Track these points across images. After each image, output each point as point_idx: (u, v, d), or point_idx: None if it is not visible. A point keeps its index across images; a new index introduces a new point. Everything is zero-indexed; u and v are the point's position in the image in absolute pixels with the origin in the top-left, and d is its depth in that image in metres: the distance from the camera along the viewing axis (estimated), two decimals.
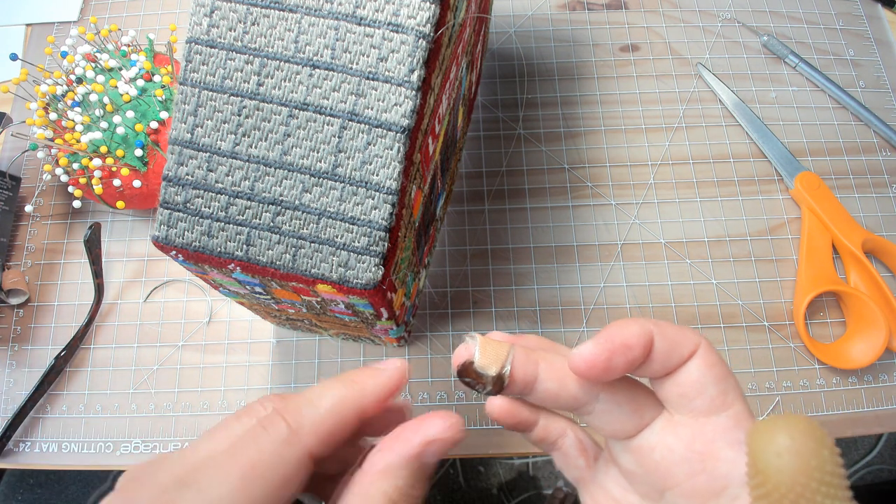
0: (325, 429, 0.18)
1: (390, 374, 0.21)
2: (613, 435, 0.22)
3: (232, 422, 0.18)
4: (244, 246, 0.24)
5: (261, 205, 0.24)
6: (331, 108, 0.23)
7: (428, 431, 0.19)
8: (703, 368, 0.21)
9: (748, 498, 0.18)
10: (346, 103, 0.23)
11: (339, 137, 0.24)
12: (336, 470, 0.22)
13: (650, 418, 0.22)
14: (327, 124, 0.24)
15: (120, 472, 0.53)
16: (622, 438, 0.22)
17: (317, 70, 0.23)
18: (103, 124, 0.39)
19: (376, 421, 0.22)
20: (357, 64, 0.23)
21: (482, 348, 0.22)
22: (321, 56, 0.23)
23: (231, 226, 0.24)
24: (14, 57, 0.41)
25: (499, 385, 0.22)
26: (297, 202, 0.24)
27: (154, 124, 0.39)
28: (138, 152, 0.39)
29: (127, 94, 0.39)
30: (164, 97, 0.40)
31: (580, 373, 0.20)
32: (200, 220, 0.24)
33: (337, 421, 0.19)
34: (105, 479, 0.49)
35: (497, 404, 0.24)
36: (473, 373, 0.22)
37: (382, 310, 0.28)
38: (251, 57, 0.24)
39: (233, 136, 0.24)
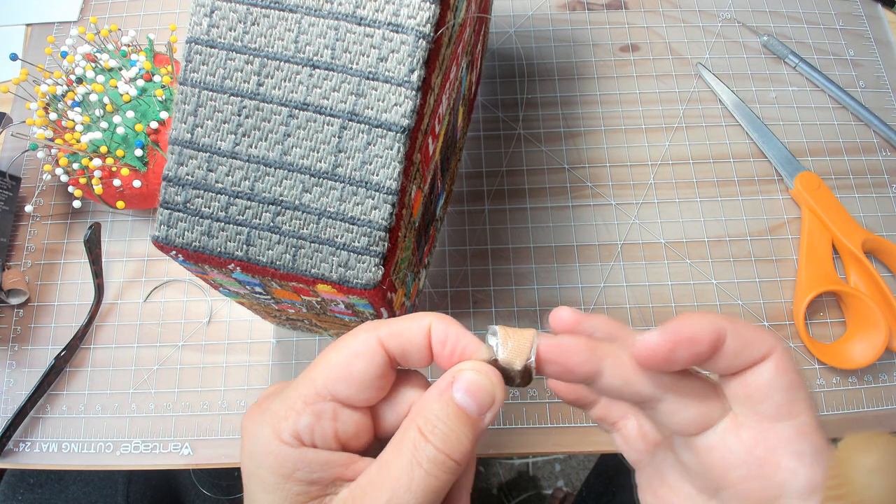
0: (393, 334, 0.22)
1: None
2: (676, 432, 0.22)
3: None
4: (244, 246, 0.24)
5: (261, 205, 0.24)
6: (331, 108, 0.23)
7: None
8: (773, 373, 0.20)
9: None
10: (346, 103, 0.23)
11: (339, 137, 0.24)
12: None
13: (715, 420, 0.21)
14: (327, 124, 0.24)
15: (120, 472, 0.52)
16: (684, 436, 0.22)
17: (317, 70, 0.23)
18: (103, 124, 0.39)
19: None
20: (357, 64, 0.23)
21: (504, 343, 0.22)
22: (321, 56, 0.23)
23: (231, 226, 0.24)
24: (14, 57, 0.41)
25: (527, 377, 0.22)
26: (297, 202, 0.24)
27: (154, 124, 0.39)
28: (138, 152, 0.39)
29: (127, 94, 0.39)
30: (164, 97, 0.40)
31: (640, 360, 0.20)
32: (200, 220, 0.24)
33: (402, 334, 0.22)
34: (106, 480, 0.49)
35: (557, 382, 0.23)
36: (501, 368, 0.22)
37: (382, 310, 0.28)
38: (251, 57, 0.24)
39: (233, 136, 0.24)
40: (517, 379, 0.22)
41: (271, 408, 0.21)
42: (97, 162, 0.38)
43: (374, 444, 0.23)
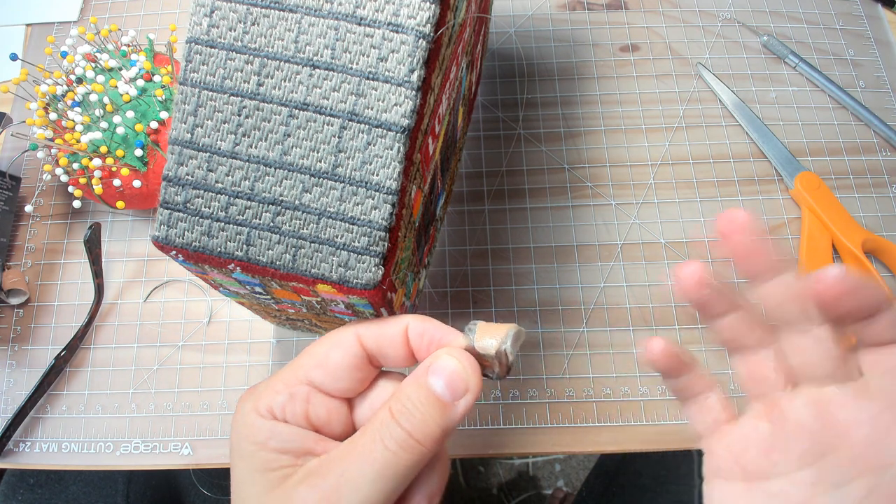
0: (371, 331, 0.24)
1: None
2: (811, 373, 0.22)
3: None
4: (244, 246, 0.24)
5: (261, 205, 0.24)
6: (331, 108, 0.23)
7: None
8: None
9: None
10: (346, 103, 0.23)
11: (339, 137, 0.24)
12: None
13: (852, 378, 0.21)
14: (327, 124, 0.24)
15: (120, 472, 0.52)
16: (814, 382, 0.22)
17: (317, 70, 0.23)
18: (103, 124, 0.39)
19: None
20: (357, 64, 0.23)
21: (480, 332, 0.22)
22: (321, 56, 0.23)
23: (231, 226, 0.24)
24: (14, 57, 0.41)
25: (504, 365, 0.22)
26: (297, 202, 0.24)
27: (154, 124, 0.39)
28: (138, 152, 0.39)
29: (127, 94, 0.39)
30: (164, 97, 0.40)
31: (818, 292, 0.20)
32: (200, 220, 0.24)
33: (380, 330, 0.24)
34: (106, 480, 0.49)
35: (659, 345, 0.23)
36: (478, 357, 0.22)
37: (382, 310, 0.28)
38: (251, 57, 0.24)
39: (233, 136, 0.24)
40: (495, 367, 0.22)
41: (258, 389, 0.24)
42: (97, 162, 0.38)
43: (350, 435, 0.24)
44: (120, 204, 0.40)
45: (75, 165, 0.39)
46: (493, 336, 0.22)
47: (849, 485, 0.20)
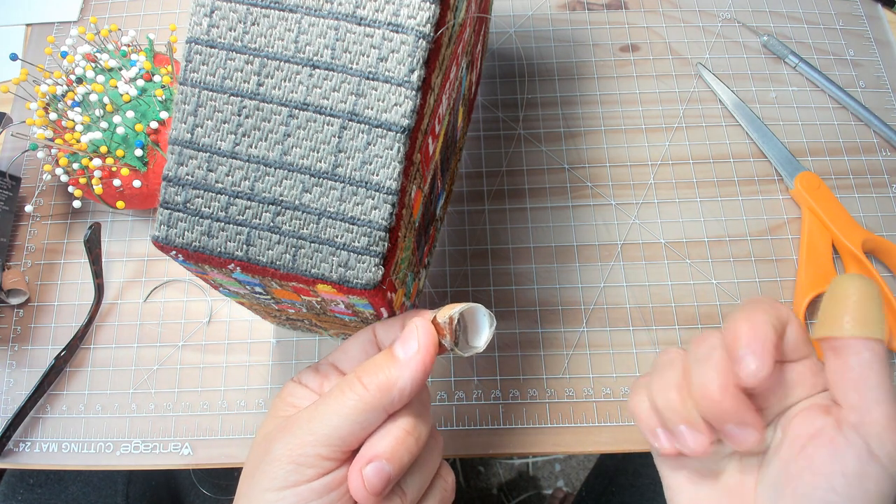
0: (381, 326, 0.29)
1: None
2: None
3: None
4: (244, 246, 0.24)
5: (261, 205, 0.24)
6: (331, 108, 0.23)
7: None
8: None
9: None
10: (346, 103, 0.23)
11: (339, 137, 0.24)
12: None
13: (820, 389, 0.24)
14: (327, 124, 0.24)
15: (120, 472, 0.52)
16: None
17: (317, 70, 0.23)
18: (103, 124, 0.39)
19: None
20: (357, 64, 0.23)
21: (444, 308, 0.27)
22: (321, 56, 0.23)
23: (231, 226, 0.24)
24: (14, 57, 0.41)
25: (452, 333, 0.26)
26: (297, 202, 0.24)
27: (154, 124, 0.39)
28: (138, 152, 0.39)
29: (127, 94, 0.39)
30: (164, 97, 0.40)
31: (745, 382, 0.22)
32: (200, 220, 0.24)
33: (387, 324, 0.29)
34: (106, 480, 0.49)
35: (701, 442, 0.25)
36: (438, 327, 0.26)
37: (382, 310, 0.28)
38: (251, 57, 0.24)
39: (233, 136, 0.24)
40: (447, 333, 0.26)
41: (304, 369, 0.30)
42: (97, 162, 0.38)
43: None
44: (120, 204, 0.40)
45: (75, 165, 0.39)
46: (448, 309, 0.26)
47: None
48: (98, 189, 0.39)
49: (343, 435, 0.24)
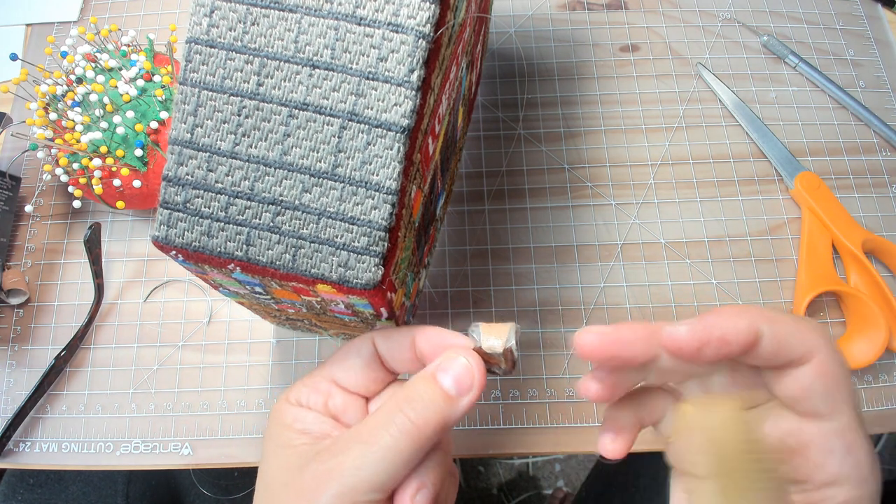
0: (383, 336, 0.27)
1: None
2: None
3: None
4: (244, 246, 0.24)
5: (261, 205, 0.24)
6: (331, 108, 0.23)
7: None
8: (812, 378, 0.20)
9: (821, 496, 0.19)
10: (345, 103, 0.23)
11: (338, 137, 0.24)
12: None
13: (761, 402, 0.22)
14: (327, 124, 0.24)
15: (120, 472, 0.52)
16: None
17: (317, 70, 0.23)
18: (103, 124, 0.39)
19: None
20: (357, 64, 0.23)
21: (485, 333, 0.24)
22: (321, 56, 0.23)
23: (231, 226, 0.24)
24: (14, 57, 0.41)
25: (510, 361, 0.24)
26: (296, 202, 0.24)
27: (154, 124, 0.39)
28: (138, 152, 0.39)
29: (127, 94, 0.39)
30: (164, 97, 0.40)
31: (668, 350, 0.21)
32: (200, 220, 0.24)
33: (391, 335, 0.27)
34: (106, 480, 0.49)
35: (593, 387, 0.24)
36: (485, 356, 0.24)
37: (382, 310, 0.28)
38: (251, 57, 0.24)
39: (233, 136, 0.24)
40: (502, 365, 0.24)
41: (293, 385, 0.28)
42: (97, 162, 0.38)
43: None
44: (120, 204, 0.40)
45: (75, 165, 0.39)
46: (497, 335, 0.24)
47: None
48: (98, 189, 0.39)
49: (396, 477, 0.23)
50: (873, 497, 0.20)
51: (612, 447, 0.25)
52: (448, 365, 0.24)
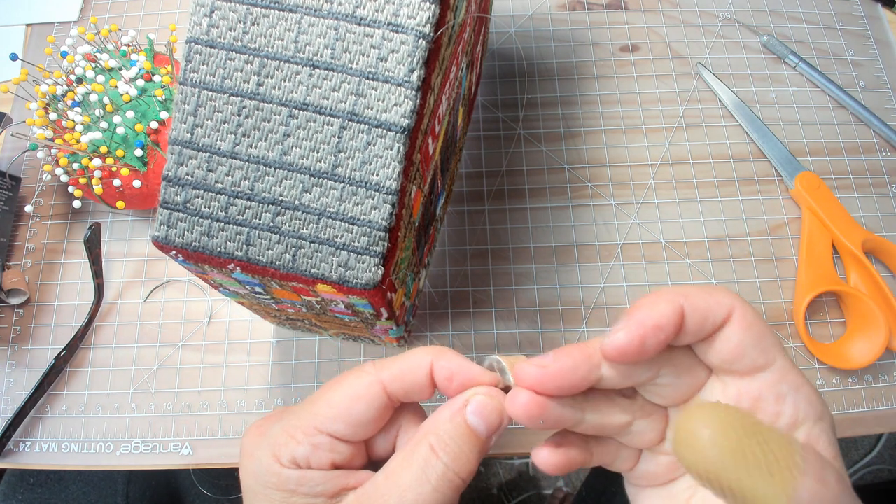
0: (396, 378, 0.23)
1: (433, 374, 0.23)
2: (674, 403, 0.23)
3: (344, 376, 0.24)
4: (244, 246, 0.24)
5: (261, 205, 0.24)
6: (331, 108, 0.23)
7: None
8: (739, 333, 0.21)
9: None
10: (345, 103, 0.23)
11: (338, 137, 0.24)
12: None
13: (703, 382, 0.22)
14: (327, 124, 0.24)
15: (120, 472, 0.52)
16: (681, 405, 0.23)
17: (317, 70, 0.23)
18: (103, 124, 0.39)
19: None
20: (357, 64, 0.23)
21: (509, 369, 0.23)
22: (321, 56, 0.23)
23: (231, 226, 0.24)
24: (14, 57, 0.41)
25: None
26: (296, 202, 0.24)
27: (154, 124, 0.39)
28: (138, 152, 0.39)
29: (127, 94, 0.39)
30: (164, 97, 0.40)
31: (613, 360, 0.21)
32: (200, 220, 0.24)
33: (405, 377, 0.23)
34: (106, 480, 0.49)
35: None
36: (506, 390, 0.23)
37: (382, 310, 0.28)
38: (251, 57, 0.24)
39: (233, 136, 0.24)
40: None
41: (271, 432, 0.23)
42: (97, 162, 0.38)
43: (367, 465, 0.24)
44: (120, 204, 0.40)
45: (75, 165, 0.39)
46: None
47: None
48: (98, 189, 0.39)
49: None
50: (831, 431, 0.21)
51: (547, 458, 0.24)
52: (478, 406, 0.22)
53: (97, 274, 0.42)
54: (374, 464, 0.24)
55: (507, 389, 0.23)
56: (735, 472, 0.17)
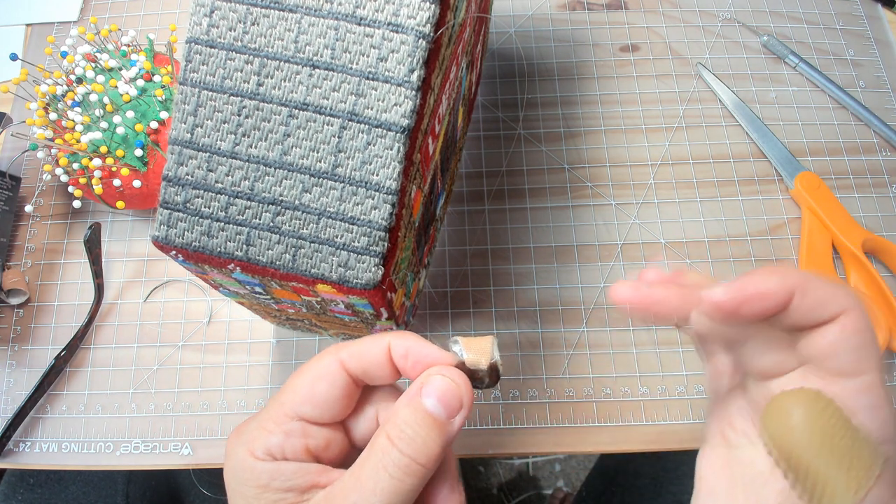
0: (353, 356, 0.23)
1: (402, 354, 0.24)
2: (756, 371, 0.23)
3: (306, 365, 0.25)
4: (244, 246, 0.24)
5: (261, 205, 0.24)
6: (331, 108, 0.23)
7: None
8: (840, 334, 0.20)
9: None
10: (345, 103, 0.23)
11: (338, 137, 0.24)
12: None
13: (789, 368, 0.22)
14: (327, 124, 0.24)
15: (120, 472, 0.52)
16: (762, 378, 0.23)
17: (317, 70, 0.23)
18: (103, 124, 0.39)
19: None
20: (357, 64, 0.23)
21: (467, 348, 0.23)
22: (321, 56, 0.23)
23: (231, 226, 0.24)
24: (14, 57, 0.41)
25: (494, 375, 0.23)
26: (296, 202, 0.24)
27: (154, 124, 0.39)
28: (138, 152, 0.39)
29: (127, 94, 0.39)
30: (164, 97, 0.40)
31: (709, 314, 0.21)
32: (200, 220, 0.24)
33: (363, 355, 0.23)
34: (106, 480, 0.49)
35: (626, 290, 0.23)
36: (468, 371, 0.23)
37: (382, 310, 0.28)
38: (251, 57, 0.24)
39: (233, 136, 0.24)
40: (486, 379, 0.23)
41: (247, 429, 0.24)
42: (97, 162, 0.38)
43: (353, 455, 0.24)
44: (120, 204, 0.40)
45: (75, 165, 0.39)
46: (479, 349, 0.23)
47: None
48: (98, 189, 0.39)
49: None
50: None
51: (625, 291, 0.23)
52: (433, 387, 0.22)
53: (97, 274, 0.42)
54: (358, 452, 0.24)
55: (464, 368, 0.23)
56: (816, 455, 0.18)
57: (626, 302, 0.22)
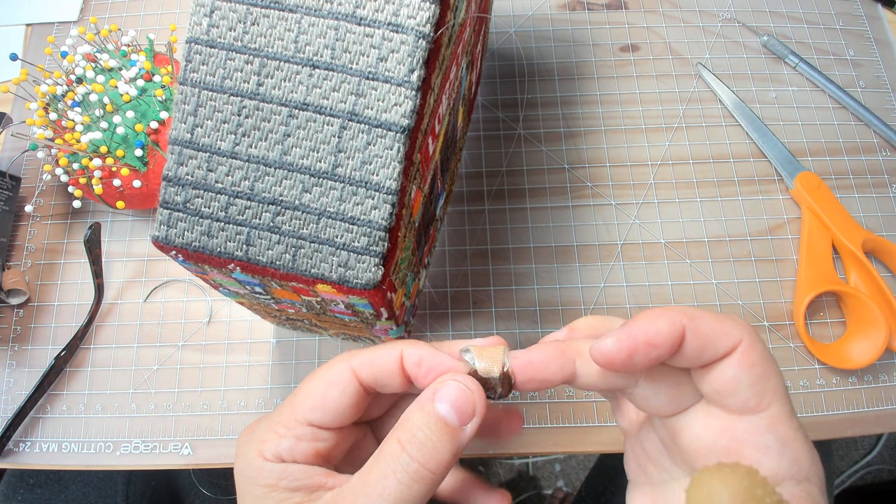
0: (365, 364, 0.24)
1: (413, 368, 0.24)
2: (651, 413, 0.23)
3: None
4: (244, 246, 0.24)
5: (261, 205, 0.24)
6: (331, 108, 0.23)
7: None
8: (738, 369, 0.20)
9: None
10: (345, 103, 0.23)
11: (338, 137, 0.24)
12: None
13: (688, 404, 0.22)
14: (327, 124, 0.24)
15: (120, 472, 0.52)
16: (659, 417, 0.23)
17: (317, 70, 0.23)
18: (103, 124, 0.39)
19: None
20: (357, 64, 0.23)
21: (478, 355, 0.23)
22: (321, 56, 0.23)
23: (231, 226, 0.24)
24: (14, 57, 0.41)
25: (507, 385, 0.23)
26: (296, 202, 0.24)
27: (154, 124, 0.39)
28: (138, 152, 0.39)
29: (127, 94, 0.39)
30: (164, 97, 0.40)
31: (599, 364, 0.20)
32: (200, 220, 0.24)
33: (374, 363, 0.24)
34: (106, 480, 0.49)
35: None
36: (481, 380, 0.23)
37: (382, 310, 0.28)
38: (251, 57, 0.24)
39: (233, 136, 0.24)
40: (498, 388, 0.23)
41: (258, 430, 0.24)
42: (97, 162, 0.38)
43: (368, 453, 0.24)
44: (120, 204, 0.40)
45: (75, 165, 0.39)
46: (491, 357, 0.23)
47: None
48: (98, 189, 0.39)
49: None
50: (818, 493, 0.20)
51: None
52: (446, 393, 0.22)
53: (97, 274, 0.42)
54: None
55: (477, 377, 0.23)
56: None
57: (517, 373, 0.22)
